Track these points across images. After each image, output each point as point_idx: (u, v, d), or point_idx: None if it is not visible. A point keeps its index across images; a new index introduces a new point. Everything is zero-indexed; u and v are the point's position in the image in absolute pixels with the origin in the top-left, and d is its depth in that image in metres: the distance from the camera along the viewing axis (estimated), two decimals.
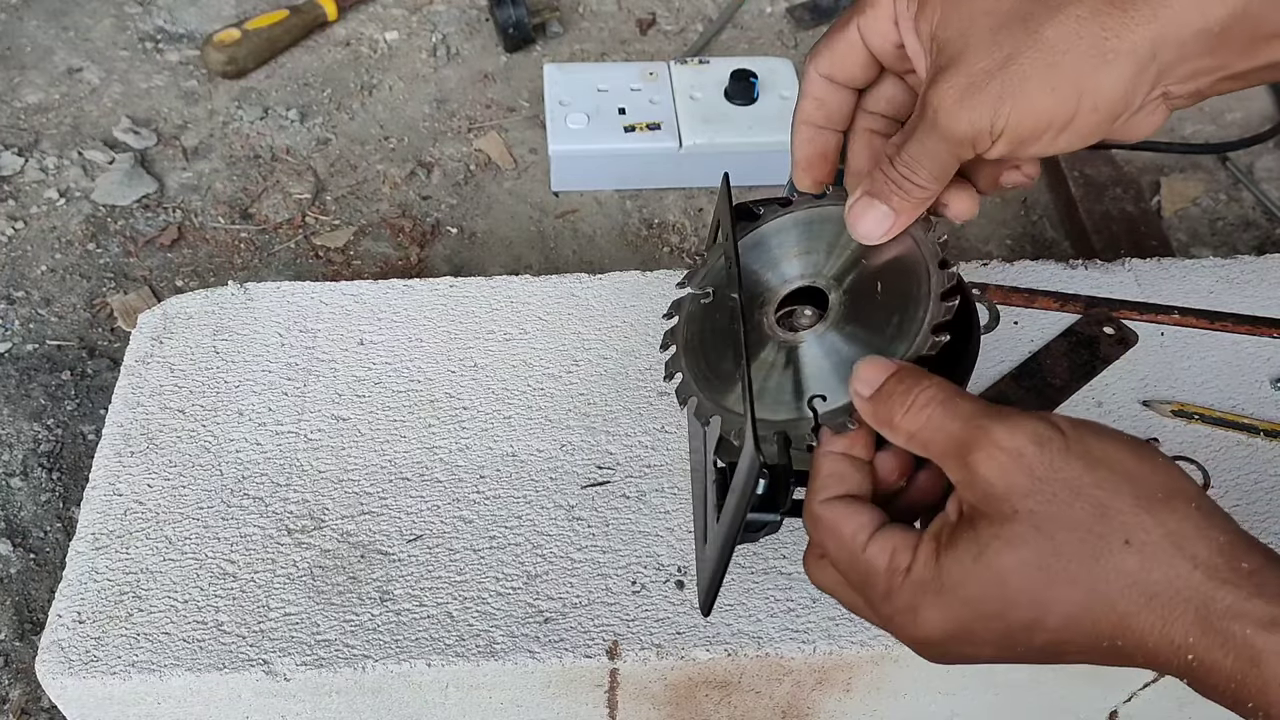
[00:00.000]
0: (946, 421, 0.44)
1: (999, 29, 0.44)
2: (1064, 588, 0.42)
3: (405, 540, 0.63)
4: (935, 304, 0.50)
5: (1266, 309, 0.75)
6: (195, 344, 0.73)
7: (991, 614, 0.43)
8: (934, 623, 0.44)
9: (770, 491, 0.50)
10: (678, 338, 0.56)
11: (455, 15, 1.31)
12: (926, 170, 0.48)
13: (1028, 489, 0.42)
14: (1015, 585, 0.42)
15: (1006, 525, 0.42)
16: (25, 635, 0.82)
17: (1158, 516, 0.42)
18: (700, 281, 0.58)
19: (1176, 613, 0.41)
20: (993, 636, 0.43)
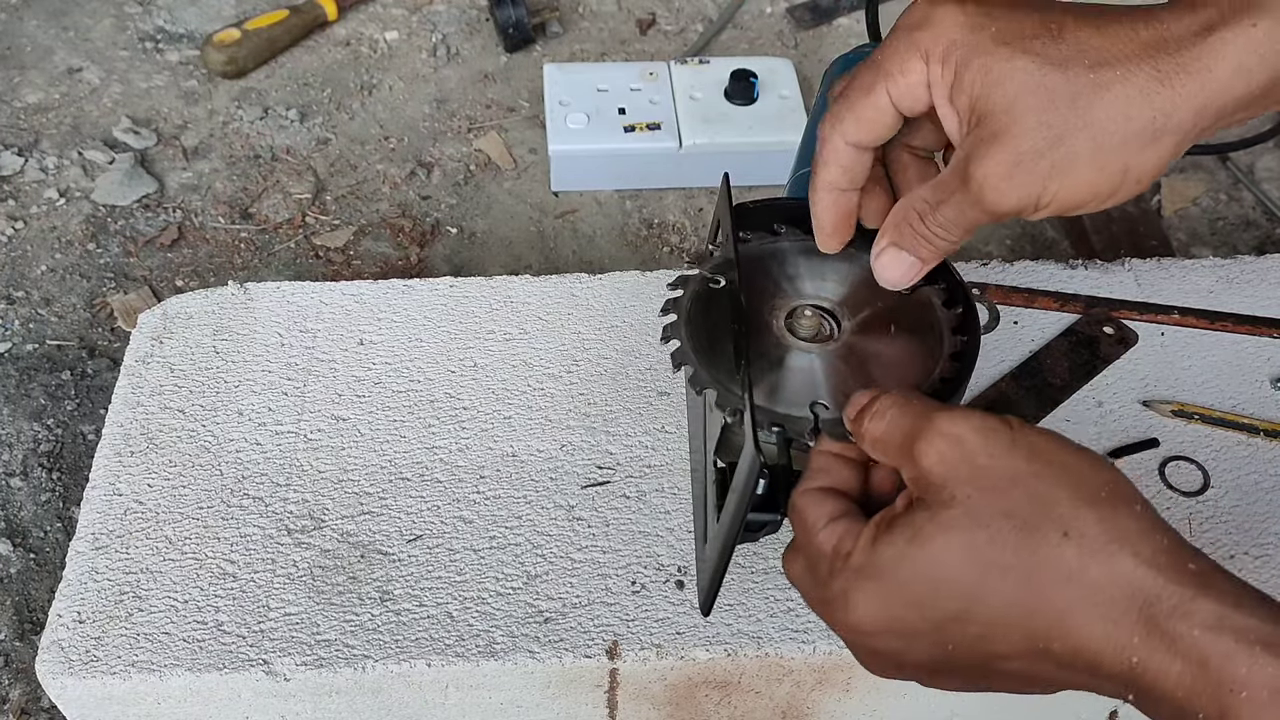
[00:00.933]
0: (900, 419, 0.45)
1: (1046, 108, 0.44)
2: (996, 577, 0.41)
3: (405, 540, 0.63)
4: (946, 362, 0.54)
5: (1266, 309, 0.75)
6: (195, 344, 0.73)
7: (921, 601, 0.42)
8: (864, 608, 0.43)
9: (770, 491, 0.50)
10: (680, 309, 0.56)
11: (455, 15, 1.31)
12: (960, 230, 0.49)
13: (966, 476, 0.42)
14: (946, 572, 0.42)
15: (942, 511, 0.42)
16: (25, 635, 0.82)
17: (1099, 512, 0.41)
18: (712, 267, 0.58)
19: (1118, 610, 0.39)
20: (924, 627, 0.43)
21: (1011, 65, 0.44)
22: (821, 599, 0.46)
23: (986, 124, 0.45)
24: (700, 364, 0.54)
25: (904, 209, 0.50)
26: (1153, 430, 0.69)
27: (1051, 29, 0.44)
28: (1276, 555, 0.64)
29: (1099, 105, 0.44)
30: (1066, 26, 0.45)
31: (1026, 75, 0.44)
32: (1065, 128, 0.44)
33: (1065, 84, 0.44)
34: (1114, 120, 0.44)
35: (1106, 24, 0.45)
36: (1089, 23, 0.45)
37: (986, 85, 0.45)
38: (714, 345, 0.55)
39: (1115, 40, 0.44)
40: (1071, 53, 0.44)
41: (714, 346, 0.55)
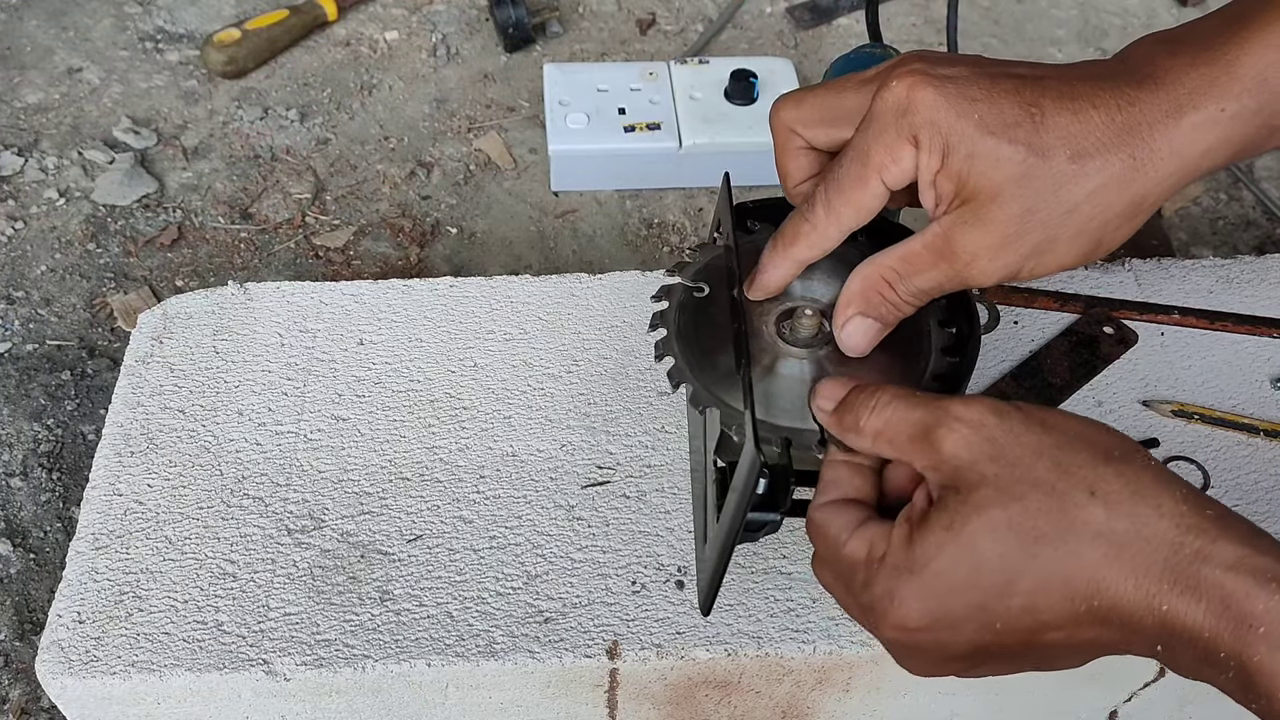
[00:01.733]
0: (907, 412, 0.47)
1: (1032, 195, 0.47)
2: (1034, 544, 0.42)
3: (405, 540, 0.63)
4: (937, 356, 0.55)
5: (1266, 309, 0.75)
6: (195, 344, 0.73)
7: (965, 584, 0.43)
8: (910, 605, 0.44)
9: (770, 491, 0.50)
10: (669, 323, 0.56)
11: (455, 15, 1.31)
12: (930, 297, 0.52)
13: (992, 454, 0.44)
14: (986, 549, 0.43)
15: (974, 492, 0.44)
16: (25, 635, 0.82)
17: (1117, 468, 0.43)
18: (693, 274, 0.58)
19: (1146, 561, 0.41)
20: (968, 610, 0.44)
21: (998, 155, 0.46)
22: (862, 605, 0.47)
23: (972, 206, 0.48)
24: (698, 379, 0.54)
25: (870, 279, 0.52)
26: (1153, 430, 0.69)
27: (1033, 115, 0.47)
28: None
29: (1080, 194, 0.47)
30: (1046, 112, 0.47)
31: (1012, 165, 0.46)
32: (1049, 214, 0.47)
33: (1049, 173, 0.47)
34: (1095, 207, 0.47)
35: (1082, 109, 0.47)
36: (1065, 108, 0.47)
37: (974, 172, 0.47)
38: (707, 356, 0.55)
39: (1092, 128, 0.47)
40: (1053, 141, 0.46)
41: (707, 357, 0.55)
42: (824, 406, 0.50)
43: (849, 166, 0.50)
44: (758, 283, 0.55)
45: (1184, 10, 1.36)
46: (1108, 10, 1.36)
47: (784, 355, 0.55)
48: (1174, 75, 0.47)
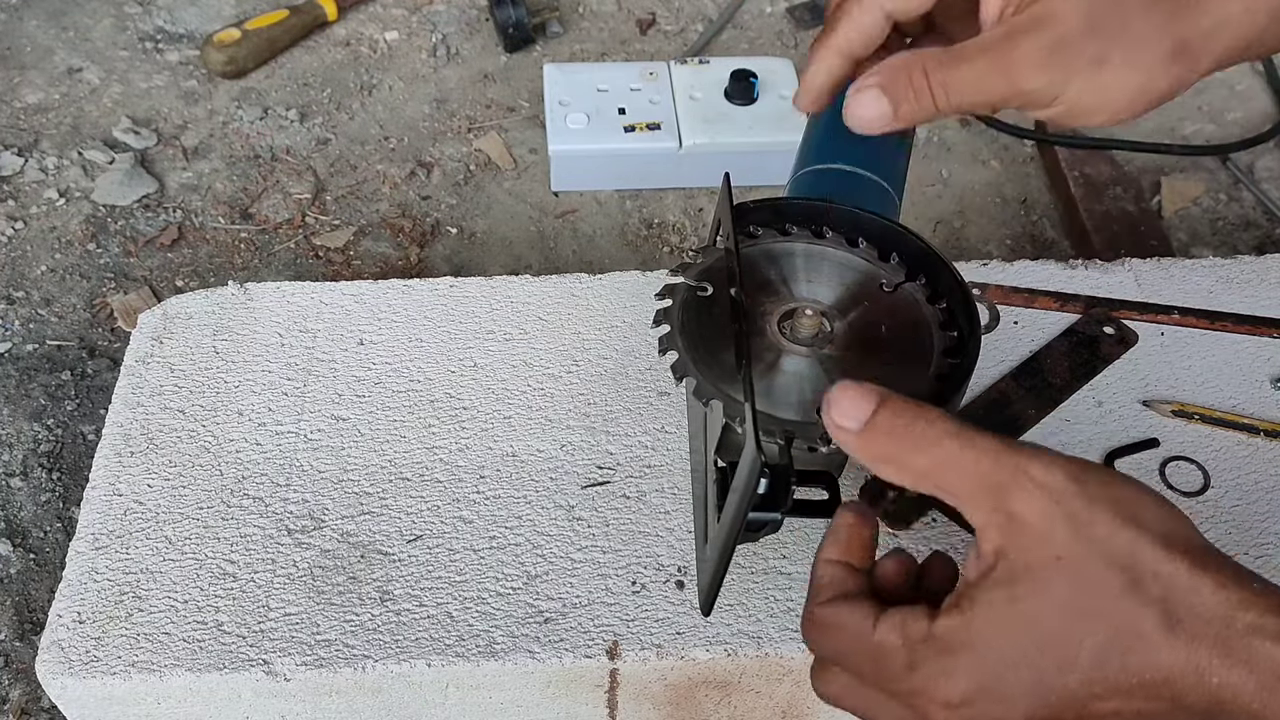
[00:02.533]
0: (970, 459, 0.43)
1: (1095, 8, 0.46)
2: (1094, 621, 0.41)
3: (405, 540, 0.63)
4: (938, 358, 0.54)
5: (1266, 309, 0.75)
6: (195, 344, 0.73)
7: (1024, 660, 0.42)
8: (963, 682, 0.42)
9: (771, 491, 0.50)
10: (672, 319, 0.56)
11: (455, 15, 1.32)
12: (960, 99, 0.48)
13: (1069, 532, 0.42)
14: (1051, 626, 0.42)
15: (1045, 569, 0.42)
16: (25, 635, 0.82)
17: (1179, 550, 0.42)
18: (696, 274, 0.58)
19: (1200, 636, 0.41)
20: (1024, 686, 0.42)
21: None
22: (904, 691, 0.44)
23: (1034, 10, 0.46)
24: (701, 373, 0.54)
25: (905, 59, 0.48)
26: (1153, 430, 0.69)
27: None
28: (1276, 555, 0.64)
29: (1138, 20, 0.46)
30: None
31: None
32: (1107, 30, 0.46)
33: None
34: (1148, 37, 0.46)
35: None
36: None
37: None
38: (711, 352, 0.55)
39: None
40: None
41: (711, 354, 0.55)
42: (846, 426, 0.44)
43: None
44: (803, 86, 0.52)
45: None
46: None
47: (786, 354, 0.55)
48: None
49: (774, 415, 0.52)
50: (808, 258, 0.59)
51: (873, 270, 0.59)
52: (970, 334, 0.56)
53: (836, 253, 0.60)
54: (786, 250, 0.60)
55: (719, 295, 0.57)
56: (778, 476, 0.50)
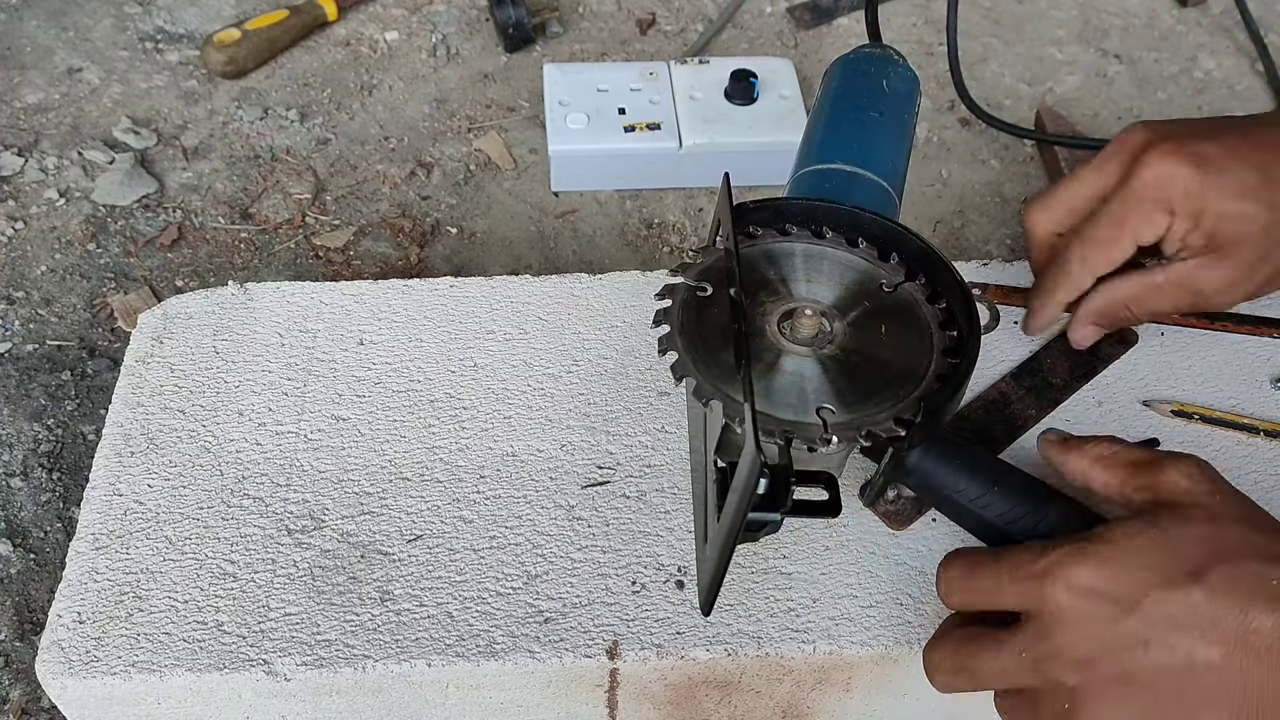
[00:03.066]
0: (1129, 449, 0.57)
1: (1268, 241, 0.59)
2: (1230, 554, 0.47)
3: (405, 540, 0.63)
4: (938, 357, 0.56)
5: (1266, 309, 0.75)
6: (195, 344, 0.73)
7: (1156, 563, 0.47)
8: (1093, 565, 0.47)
9: (771, 491, 0.50)
10: (672, 319, 0.56)
11: (455, 15, 1.31)
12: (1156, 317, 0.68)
13: (1209, 489, 0.52)
14: (1186, 544, 0.48)
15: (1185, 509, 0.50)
16: (25, 635, 0.82)
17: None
18: (696, 275, 0.58)
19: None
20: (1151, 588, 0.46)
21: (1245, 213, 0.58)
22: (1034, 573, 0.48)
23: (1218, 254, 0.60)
24: (700, 373, 0.54)
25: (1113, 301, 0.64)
26: (1153, 430, 0.69)
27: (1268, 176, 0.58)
28: None
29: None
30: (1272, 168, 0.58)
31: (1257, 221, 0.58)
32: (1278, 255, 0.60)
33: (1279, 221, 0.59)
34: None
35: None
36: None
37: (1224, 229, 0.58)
38: (711, 353, 0.55)
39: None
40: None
41: (711, 354, 0.55)
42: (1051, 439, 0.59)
43: (1105, 228, 0.60)
44: (1031, 325, 0.68)
45: (1184, 11, 1.36)
46: (1108, 11, 1.36)
47: (786, 354, 0.55)
48: None
49: (773, 415, 0.52)
50: (807, 258, 0.60)
51: (873, 270, 0.59)
52: (970, 334, 0.56)
53: (836, 253, 0.60)
54: (786, 250, 0.60)
55: (719, 295, 0.58)
56: (777, 476, 0.50)
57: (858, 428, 0.52)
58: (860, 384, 0.54)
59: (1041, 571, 0.48)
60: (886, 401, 0.54)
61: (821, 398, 0.53)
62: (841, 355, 0.55)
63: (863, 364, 0.55)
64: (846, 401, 0.54)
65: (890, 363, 0.55)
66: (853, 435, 0.51)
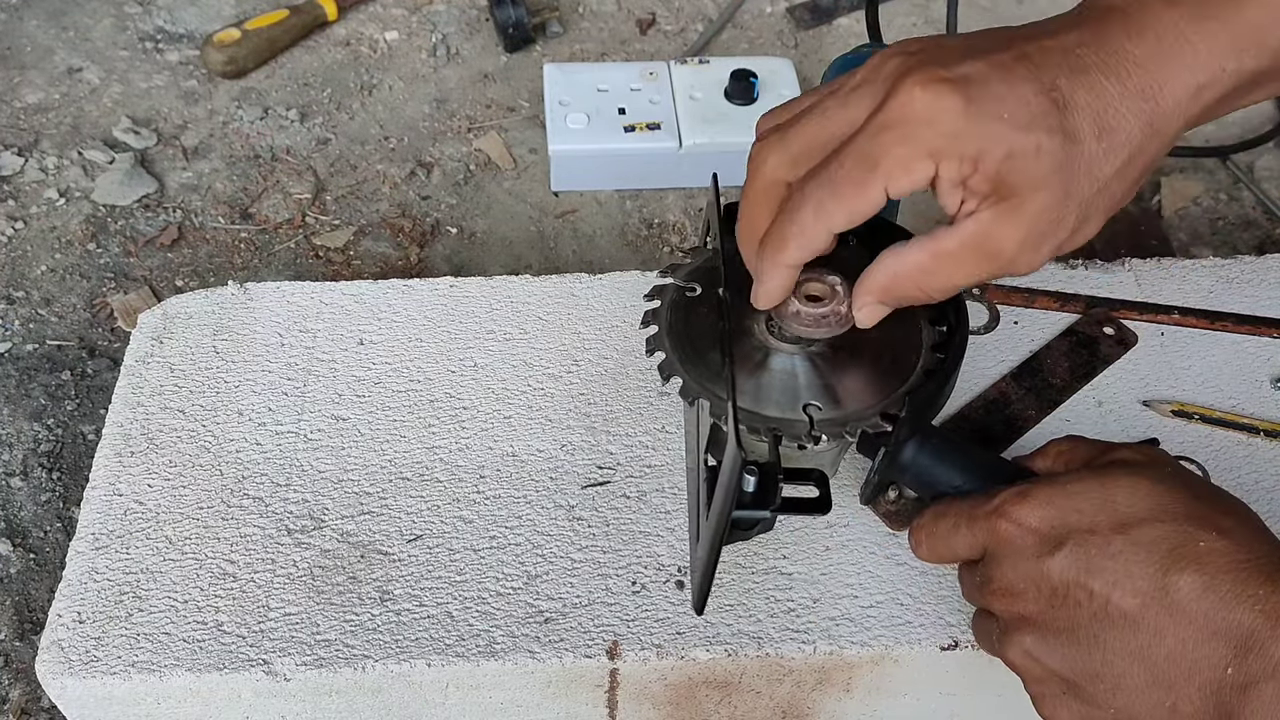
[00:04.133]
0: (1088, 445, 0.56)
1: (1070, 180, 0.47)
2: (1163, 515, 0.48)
3: (405, 540, 0.63)
4: (926, 352, 0.56)
5: (1266, 309, 0.75)
6: (195, 344, 0.73)
7: (1090, 510, 0.49)
8: (1036, 503, 0.50)
9: (760, 489, 0.50)
10: (661, 320, 0.56)
11: (455, 15, 1.31)
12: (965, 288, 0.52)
13: (1165, 460, 0.53)
14: (1122, 497, 0.49)
15: (1134, 467, 0.51)
16: (25, 635, 0.82)
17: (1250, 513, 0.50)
18: (685, 275, 0.58)
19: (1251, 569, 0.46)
20: (1078, 531, 0.48)
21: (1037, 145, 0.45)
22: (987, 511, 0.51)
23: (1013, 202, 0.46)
24: (688, 373, 0.54)
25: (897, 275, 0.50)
26: (1153, 430, 0.69)
27: (1056, 101, 0.45)
28: None
29: (1110, 170, 0.47)
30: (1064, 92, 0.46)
31: (1052, 156, 0.45)
32: (1084, 194, 0.47)
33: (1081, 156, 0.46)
34: (1122, 180, 0.48)
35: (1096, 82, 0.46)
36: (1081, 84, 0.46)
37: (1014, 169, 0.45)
38: (699, 352, 0.55)
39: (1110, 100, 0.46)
40: (1080, 123, 0.46)
41: (699, 354, 0.55)
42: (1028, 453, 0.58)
43: (850, 169, 0.47)
44: (758, 295, 0.53)
45: None
46: None
47: (774, 352, 0.55)
48: (1176, 31, 0.46)
49: (760, 413, 0.52)
50: None
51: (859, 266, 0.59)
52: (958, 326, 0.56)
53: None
54: None
55: (708, 296, 0.58)
56: (765, 474, 0.50)
57: (844, 424, 0.52)
58: (849, 381, 0.54)
59: (993, 509, 0.51)
60: (875, 397, 0.54)
61: (810, 395, 0.53)
62: (828, 353, 0.55)
63: (852, 361, 0.55)
64: (835, 398, 0.54)
65: (879, 359, 0.55)
66: (839, 431, 0.51)
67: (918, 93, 0.45)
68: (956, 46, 0.47)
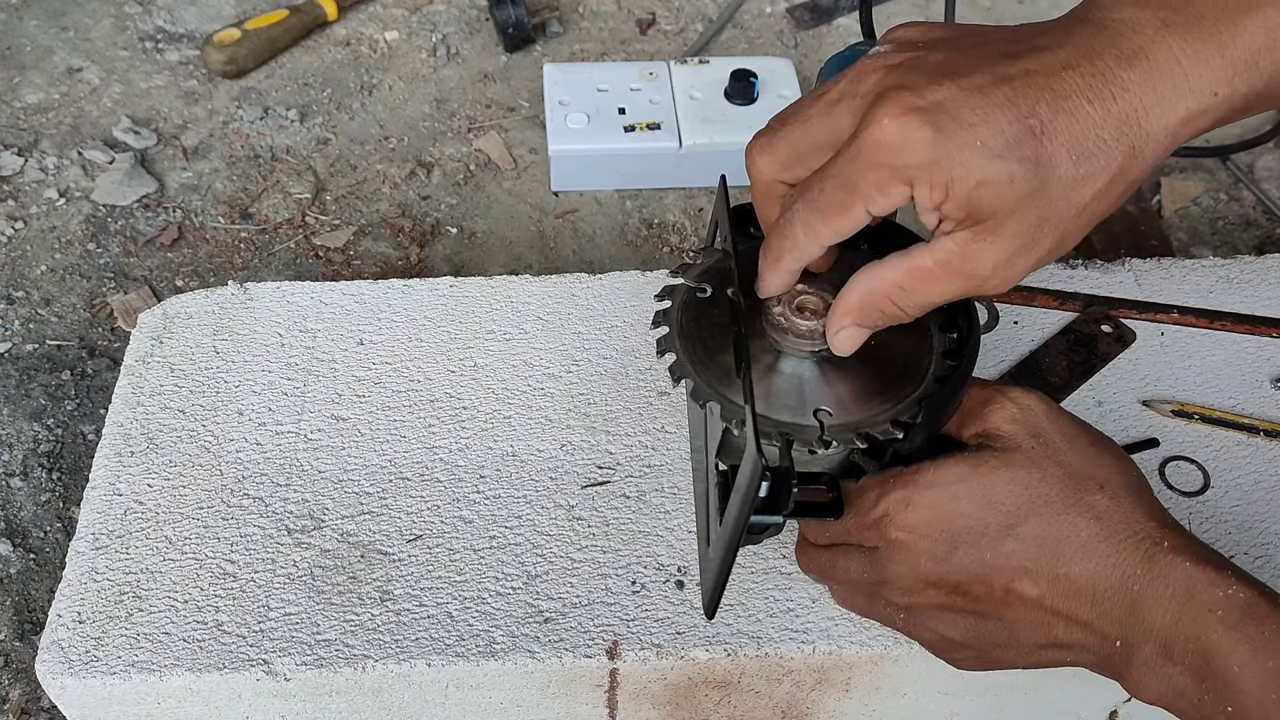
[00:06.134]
0: (976, 392, 0.55)
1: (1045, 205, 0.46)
2: (1043, 505, 0.51)
3: (405, 540, 0.64)
4: (937, 359, 0.56)
5: (1266, 309, 0.75)
6: (195, 344, 0.73)
7: (973, 510, 0.51)
8: (922, 510, 0.52)
9: (773, 494, 0.50)
10: (671, 321, 0.56)
11: (455, 15, 1.32)
12: (939, 306, 0.51)
13: (1032, 431, 0.53)
14: (1001, 491, 0.51)
15: (1006, 453, 0.52)
16: (25, 635, 0.83)
17: (1127, 478, 0.52)
18: (696, 276, 0.58)
19: (1130, 545, 0.49)
20: (968, 535, 0.51)
21: (1010, 175, 0.45)
22: (874, 518, 0.53)
23: (987, 225, 0.46)
24: (699, 375, 0.54)
25: (870, 294, 0.50)
26: (1153, 430, 0.69)
27: (1033, 128, 0.45)
28: (1276, 555, 0.64)
29: (1088, 194, 0.47)
30: (1043, 119, 0.45)
31: (1024, 183, 0.45)
32: (1060, 217, 0.47)
33: (1057, 181, 0.46)
34: (1101, 201, 0.48)
35: (1077, 106, 0.45)
36: (1061, 109, 0.45)
37: (985, 196, 0.45)
38: (710, 354, 0.55)
39: (1090, 125, 0.46)
40: (1057, 149, 0.45)
41: (710, 355, 0.55)
42: None
43: (831, 192, 0.48)
44: (758, 288, 0.55)
45: None
46: None
47: (785, 355, 0.55)
48: (1166, 54, 0.46)
49: (771, 417, 0.52)
50: None
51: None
52: (969, 335, 0.56)
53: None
54: None
55: (718, 297, 0.57)
56: (778, 479, 0.50)
57: (855, 429, 0.52)
58: (859, 386, 0.54)
59: (880, 516, 0.53)
60: (885, 403, 0.54)
61: (820, 400, 0.53)
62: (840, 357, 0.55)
63: (861, 366, 0.55)
64: (845, 403, 0.53)
65: (889, 364, 0.55)
66: (850, 437, 0.51)
67: (887, 123, 0.45)
68: (938, 62, 0.47)
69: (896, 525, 0.52)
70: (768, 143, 0.52)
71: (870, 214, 0.48)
